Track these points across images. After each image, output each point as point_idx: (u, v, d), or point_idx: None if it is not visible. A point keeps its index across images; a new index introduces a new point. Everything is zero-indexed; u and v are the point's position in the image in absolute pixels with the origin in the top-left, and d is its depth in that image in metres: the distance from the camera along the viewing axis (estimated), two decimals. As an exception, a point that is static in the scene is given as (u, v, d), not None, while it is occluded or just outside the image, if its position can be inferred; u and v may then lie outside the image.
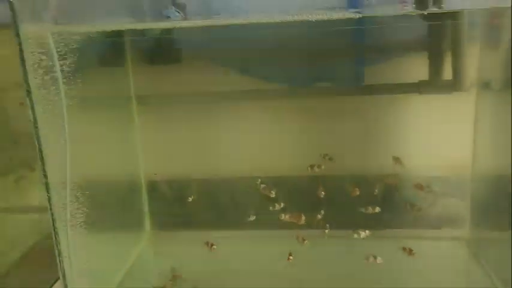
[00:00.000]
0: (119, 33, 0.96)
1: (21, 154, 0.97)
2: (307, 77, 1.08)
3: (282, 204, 1.00)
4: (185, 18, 0.91)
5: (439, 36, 1.00)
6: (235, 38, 1.00)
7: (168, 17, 0.96)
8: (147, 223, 1.14)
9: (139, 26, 0.90)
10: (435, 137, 1.01)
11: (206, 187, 1.13)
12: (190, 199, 1.08)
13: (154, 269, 1.02)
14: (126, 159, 1.07)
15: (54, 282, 0.98)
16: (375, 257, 0.91)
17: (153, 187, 1.13)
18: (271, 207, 1.00)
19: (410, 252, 0.91)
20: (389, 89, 1.05)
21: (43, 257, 1.01)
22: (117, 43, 1.00)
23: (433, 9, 0.79)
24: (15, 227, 0.98)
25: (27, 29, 0.64)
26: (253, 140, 1.09)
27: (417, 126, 1.04)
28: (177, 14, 0.98)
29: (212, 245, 0.99)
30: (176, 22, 0.86)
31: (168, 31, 1.01)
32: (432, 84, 1.01)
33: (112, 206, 0.97)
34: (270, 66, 1.07)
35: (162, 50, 1.07)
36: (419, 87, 1.02)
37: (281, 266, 0.99)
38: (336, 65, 1.05)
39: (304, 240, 0.95)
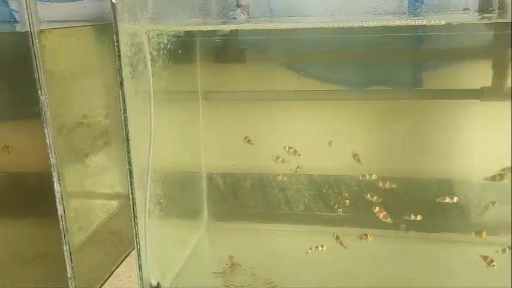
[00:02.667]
0: (191, 33, 1.01)
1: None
2: (367, 80, 1.10)
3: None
4: (249, 19, 0.95)
5: (502, 43, 1.00)
6: (296, 40, 1.04)
7: (234, 18, 1.01)
8: (205, 213, 1.19)
9: (211, 27, 0.95)
10: (493, 144, 1.02)
11: (262, 181, 1.17)
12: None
13: (212, 256, 1.07)
14: (190, 151, 1.12)
15: (121, 263, 1.05)
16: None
17: (212, 179, 1.18)
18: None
19: (490, 263, 0.90)
20: (450, 94, 1.06)
21: (109, 239, 1.08)
22: (190, 42, 1.05)
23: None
24: (85, 210, 1.04)
25: (125, 27, 0.70)
26: (308, 139, 1.12)
27: (475, 132, 1.04)
28: (242, 15, 1.03)
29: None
30: (242, 25, 0.90)
31: (234, 32, 1.05)
32: (494, 91, 1.01)
33: (176, 195, 1.02)
34: (330, 68, 1.10)
35: (227, 49, 1.11)
36: (480, 94, 1.02)
37: (332, 261, 1.02)
38: (398, 69, 1.07)
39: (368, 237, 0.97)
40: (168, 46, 0.86)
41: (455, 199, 0.97)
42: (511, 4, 0.76)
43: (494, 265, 0.87)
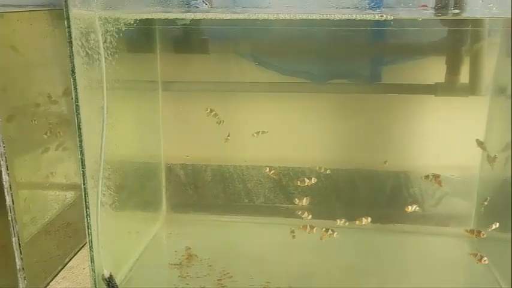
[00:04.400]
0: (150, 21, 1.00)
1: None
2: (328, 73, 1.11)
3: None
4: (211, 9, 0.94)
5: (459, 40, 1.03)
6: (258, 31, 1.03)
7: (196, 7, 0.99)
8: (164, 204, 1.18)
9: (171, 15, 0.93)
10: (446, 138, 1.05)
11: (221, 173, 1.16)
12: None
13: (170, 248, 1.06)
14: (148, 142, 1.11)
15: (75, 254, 1.03)
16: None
17: (171, 171, 1.17)
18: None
19: (481, 259, 0.89)
20: (406, 88, 1.08)
21: (62, 230, 1.05)
22: (148, 30, 1.03)
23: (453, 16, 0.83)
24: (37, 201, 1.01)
25: (77, 13, 0.68)
26: (271, 130, 1.12)
27: (430, 126, 1.07)
28: (204, 4, 1.01)
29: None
30: (203, 13, 0.89)
31: (195, 21, 1.04)
32: (448, 87, 1.04)
33: (134, 186, 1.01)
34: (290, 60, 1.10)
35: (188, 39, 1.10)
36: (435, 89, 1.05)
37: (288, 252, 1.03)
38: (355, 63, 1.08)
39: (312, 228, 0.98)
40: (125, 34, 0.84)
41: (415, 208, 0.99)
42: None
43: (485, 261, 0.89)
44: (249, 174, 1.16)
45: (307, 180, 1.01)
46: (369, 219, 0.96)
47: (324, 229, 0.93)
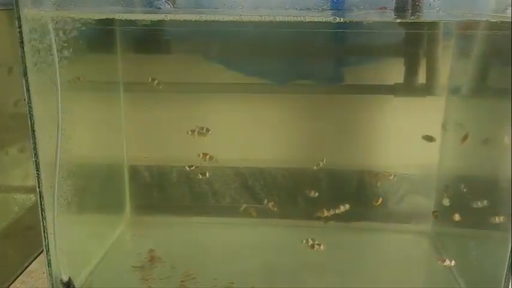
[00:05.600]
0: (110, 21, 0.99)
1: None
2: (287, 74, 1.12)
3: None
4: (175, 10, 0.94)
5: (415, 42, 1.06)
6: (219, 32, 1.04)
7: (159, 8, 0.99)
8: (128, 207, 1.17)
9: (131, 16, 0.92)
10: (406, 137, 1.07)
11: (186, 174, 1.16)
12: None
13: (133, 250, 1.05)
14: (110, 143, 1.09)
15: (35, 259, 1.01)
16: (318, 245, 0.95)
17: (134, 172, 1.16)
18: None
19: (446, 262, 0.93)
20: (366, 89, 1.10)
21: (22, 234, 1.03)
22: (108, 30, 1.02)
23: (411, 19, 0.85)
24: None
25: (28, 12, 0.67)
26: (233, 131, 1.13)
27: (391, 126, 1.10)
28: (167, 5, 1.01)
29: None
30: (166, 15, 0.89)
31: (157, 22, 1.03)
32: (407, 88, 1.07)
33: (95, 189, 1.00)
34: (253, 61, 1.11)
35: (150, 40, 1.09)
36: (394, 90, 1.07)
37: (252, 252, 1.05)
38: (315, 63, 1.10)
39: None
40: (83, 34, 0.83)
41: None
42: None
43: (452, 264, 0.92)
44: (214, 175, 1.16)
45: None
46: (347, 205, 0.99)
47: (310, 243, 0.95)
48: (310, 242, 0.94)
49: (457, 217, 0.92)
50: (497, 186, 0.86)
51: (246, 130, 1.13)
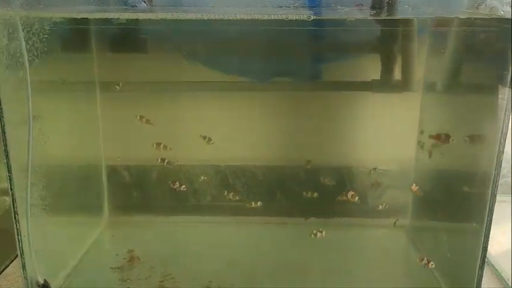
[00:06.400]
0: (84, 20, 0.97)
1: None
2: (269, 72, 1.12)
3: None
4: (151, 8, 0.93)
5: (391, 39, 1.07)
6: (198, 31, 1.03)
7: (134, 6, 0.98)
8: (106, 208, 1.16)
9: (103, 15, 0.91)
10: (384, 133, 1.09)
11: (165, 174, 1.15)
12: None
13: (112, 251, 1.04)
14: (87, 144, 1.08)
15: (13, 260, 1.00)
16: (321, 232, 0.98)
17: (112, 173, 1.15)
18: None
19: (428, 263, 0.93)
20: (344, 86, 1.11)
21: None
22: (83, 29, 1.01)
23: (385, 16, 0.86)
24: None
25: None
26: (211, 129, 1.12)
27: (369, 122, 1.11)
28: (143, 3, 1.00)
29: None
30: (142, 14, 0.88)
31: (133, 20, 1.02)
32: (383, 84, 1.08)
33: (72, 190, 0.99)
34: (231, 59, 1.11)
35: (126, 39, 1.08)
36: (372, 86, 1.08)
37: (231, 251, 1.05)
38: (294, 61, 1.10)
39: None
40: (55, 34, 0.82)
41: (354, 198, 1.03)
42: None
43: (432, 265, 0.92)
44: (193, 174, 1.16)
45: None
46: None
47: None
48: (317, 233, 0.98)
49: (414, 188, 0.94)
50: (471, 179, 0.88)
51: (225, 128, 1.12)
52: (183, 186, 1.06)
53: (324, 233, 0.97)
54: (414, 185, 1.00)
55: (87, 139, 1.08)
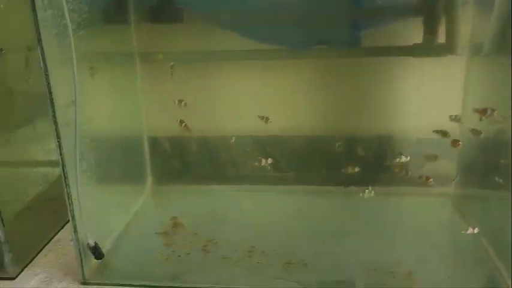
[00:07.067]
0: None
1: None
2: (305, 39, 1.10)
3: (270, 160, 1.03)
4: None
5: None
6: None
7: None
8: (149, 177, 1.19)
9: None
10: (427, 99, 1.05)
11: (205, 144, 1.17)
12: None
13: (156, 218, 1.07)
14: (129, 115, 1.10)
15: (62, 227, 1.04)
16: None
17: (154, 143, 1.17)
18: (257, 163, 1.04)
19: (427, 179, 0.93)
20: (386, 52, 1.08)
21: (47, 206, 1.06)
22: (121, 1, 1.02)
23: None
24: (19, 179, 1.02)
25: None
26: (251, 99, 1.12)
27: (411, 88, 1.08)
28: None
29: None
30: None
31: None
32: (426, 48, 1.04)
33: (116, 159, 1.01)
34: (269, 27, 1.09)
35: (164, 8, 1.08)
36: (414, 51, 1.05)
37: (273, 218, 1.05)
38: (333, 27, 1.08)
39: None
40: (96, 4, 0.83)
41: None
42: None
43: (431, 182, 0.92)
44: (233, 144, 1.16)
45: (263, 161, 1.02)
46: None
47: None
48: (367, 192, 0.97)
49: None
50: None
51: (263, 98, 1.12)
52: (269, 159, 1.05)
53: (373, 192, 0.96)
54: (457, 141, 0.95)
55: (129, 110, 1.10)
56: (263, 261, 0.89)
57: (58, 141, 0.76)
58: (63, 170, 0.78)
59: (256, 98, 1.12)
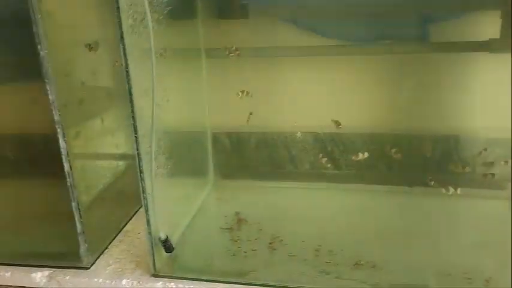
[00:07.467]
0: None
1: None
2: (372, 33, 1.07)
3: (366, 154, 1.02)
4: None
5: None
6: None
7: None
8: (211, 172, 1.20)
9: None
10: (500, 98, 1.00)
11: (266, 139, 1.17)
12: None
13: (219, 212, 1.08)
14: (194, 109, 1.12)
15: (129, 220, 1.07)
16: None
17: (216, 138, 1.18)
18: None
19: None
20: (457, 47, 1.03)
21: (116, 197, 1.09)
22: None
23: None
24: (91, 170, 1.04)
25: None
26: (314, 95, 1.11)
27: (484, 85, 1.03)
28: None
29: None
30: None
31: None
32: (504, 43, 0.99)
33: (182, 153, 1.03)
34: (335, 22, 1.07)
35: (229, 4, 1.09)
36: (489, 46, 1.00)
37: (337, 216, 1.04)
38: (400, 20, 1.04)
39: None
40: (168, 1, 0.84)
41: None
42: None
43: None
44: (293, 141, 1.16)
45: (360, 155, 1.00)
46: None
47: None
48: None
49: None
50: None
51: (326, 94, 1.10)
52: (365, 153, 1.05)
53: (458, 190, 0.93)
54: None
55: (194, 104, 1.11)
56: (331, 261, 0.88)
57: (135, 136, 0.78)
58: (139, 165, 0.80)
59: (318, 94, 1.10)
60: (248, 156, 1.19)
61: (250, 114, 1.04)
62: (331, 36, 1.08)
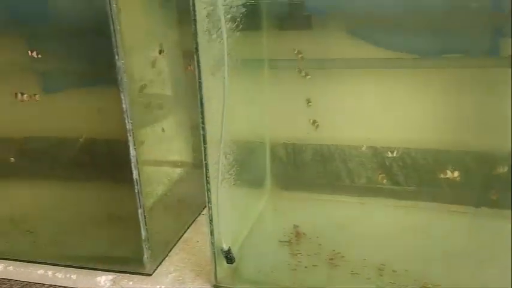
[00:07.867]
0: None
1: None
2: (438, 47, 1.04)
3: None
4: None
5: None
6: (363, 4, 0.99)
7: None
8: (268, 182, 1.19)
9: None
10: None
11: (321, 152, 1.15)
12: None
13: (277, 225, 1.07)
14: (256, 119, 1.12)
15: (187, 228, 1.08)
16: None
17: (275, 148, 1.17)
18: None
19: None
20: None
21: (175, 205, 1.10)
22: (256, 7, 1.03)
23: None
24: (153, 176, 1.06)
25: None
26: (373, 109, 1.08)
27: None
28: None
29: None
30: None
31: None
32: None
33: (243, 163, 1.02)
34: (400, 35, 1.05)
35: (294, 16, 1.08)
36: None
37: (400, 234, 1.01)
38: (467, 34, 1.01)
39: None
40: (238, 12, 0.85)
41: None
42: None
43: None
44: (350, 154, 1.14)
45: (449, 173, 0.97)
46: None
47: None
48: None
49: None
50: None
51: (387, 108, 1.08)
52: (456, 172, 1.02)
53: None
54: None
55: (256, 115, 1.11)
56: (395, 282, 0.85)
57: (204, 147, 0.78)
58: (206, 175, 0.80)
59: (380, 108, 1.08)
60: (305, 167, 1.18)
61: (315, 122, 1.02)
62: (395, 49, 1.05)
